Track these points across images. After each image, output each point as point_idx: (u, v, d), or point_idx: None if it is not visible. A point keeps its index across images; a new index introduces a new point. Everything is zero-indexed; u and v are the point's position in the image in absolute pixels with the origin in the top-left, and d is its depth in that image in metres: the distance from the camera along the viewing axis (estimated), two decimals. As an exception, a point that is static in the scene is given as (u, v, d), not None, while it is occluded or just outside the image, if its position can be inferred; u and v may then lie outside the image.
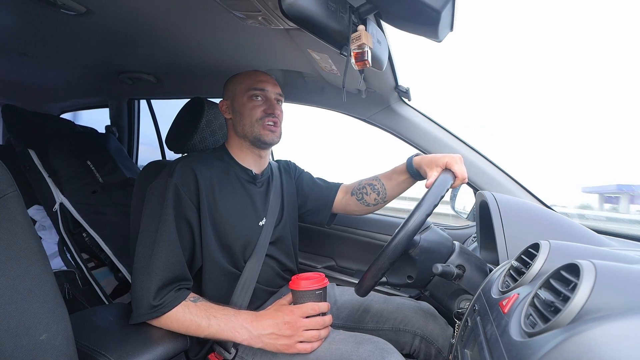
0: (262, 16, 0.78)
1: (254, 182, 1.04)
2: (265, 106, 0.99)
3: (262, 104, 1.00)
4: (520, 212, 0.85)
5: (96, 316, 0.85)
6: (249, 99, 0.99)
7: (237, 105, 1.00)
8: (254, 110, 0.99)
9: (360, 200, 1.15)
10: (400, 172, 1.09)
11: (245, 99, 0.99)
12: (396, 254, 0.76)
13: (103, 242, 1.49)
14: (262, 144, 1.01)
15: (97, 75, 1.64)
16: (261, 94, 1.00)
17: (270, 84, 1.01)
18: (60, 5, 0.87)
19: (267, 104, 1.00)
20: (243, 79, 1.01)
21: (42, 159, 1.52)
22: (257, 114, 0.98)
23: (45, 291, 0.54)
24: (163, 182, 0.87)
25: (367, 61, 0.68)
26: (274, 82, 1.03)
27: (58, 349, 0.54)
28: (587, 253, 0.56)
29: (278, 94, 1.03)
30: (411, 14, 0.66)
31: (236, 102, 1.01)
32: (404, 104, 1.36)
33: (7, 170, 0.54)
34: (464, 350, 0.58)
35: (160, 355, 0.75)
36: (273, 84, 1.02)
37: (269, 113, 0.99)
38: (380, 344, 0.81)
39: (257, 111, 0.98)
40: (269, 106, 1.00)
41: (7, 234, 0.51)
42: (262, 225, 1.02)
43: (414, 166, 1.02)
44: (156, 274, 0.79)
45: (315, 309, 0.80)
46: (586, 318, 0.36)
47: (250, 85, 0.99)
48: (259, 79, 1.01)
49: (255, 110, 0.99)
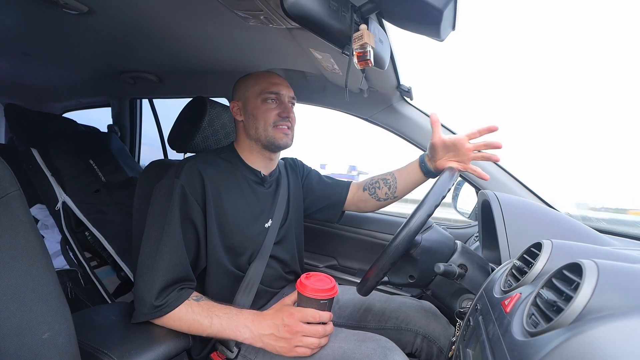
0: (264, 15, 0.78)
1: (262, 183, 1.03)
2: (280, 109, 0.98)
3: (276, 107, 0.98)
4: (523, 212, 0.84)
5: (99, 315, 0.85)
6: (263, 102, 0.97)
7: (250, 107, 0.99)
8: (268, 114, 0.97)
9: (373, 194, 1.16)
10: (412, 167, 1.10)
11: (259, 102, 0.98)
12: (397, 254, 0.76)
13: (105, 241, 1.50)
14: (275, 147, 1.00)
15: (99, 75, 1.64)
16: (275, 97, 0.98)
17: (284, 87, 1.00)
18: (62, 5, 0.88)
19: (281, 107, 0.99)
20: (257, 81, 1.00)
21: (44, 158, 1.52)
22: (271, 118, 0.97)
23: (47, 290, 0.54)
24: (170, 183, 0.86)
25: (370, 61, 0.68)
26: (287, 85, 1.02)
27: (61, 348, 0.54)
28: (589, 252, 0.56)
29: (291, 97, 1.02)
30: (413, 13, 0.66)
31: (249, 104, 0.99)
32: (406, 103, 1.36)
33: (9, 169, 0.54)
34: (466, 349, 0.58)
35: (163, 354, 0.76)
36: (287, 87, 1.01)
37: (283, 117, 0.98)
38: (382, 342, 0.81)
39: (271, 114, 0.97)
40: (283, 109, 0.98)
41: (9, 233, 0.51)
42: (267, 227, 1.02)
43: (426, 161, 1.05)
44: (160, 274, 0.79)
45: (316, 317, 0.78)
46: (589, 317, 0.36)
47: (264, 88, 0.98)
48: (274, 82, 0.99)
49: (269, 114, 0.97)
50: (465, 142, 0.96)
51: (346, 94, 0.81)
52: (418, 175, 1.09)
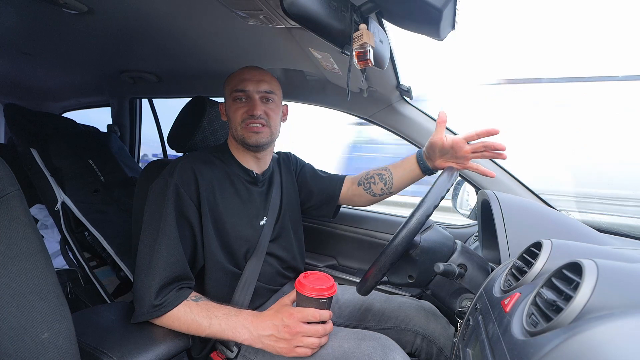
0: (263, 15, 0.78)
1: (255, 182, 1.03)
2: (247, 107, 0.95)
3: (244, 104, 0.96)
4: (522, 211, 0.85)
5: (98, 315, 0.85)
6: (233, 101, 0.97)
7: (227, 107, 1.00)
8: (236, 113, 0.96)
9: (367, 190, 1.14)
10: (409, 164, 1.09)
11: (231, 101, 0.97)
12: (397, 254, 0.76)
13: (105, 241, 1.50)
14: (248, 146, 0.98)
15: (99, 74, 1.64)
16: (243, 94, 0.96)
17: (252, 83, 0.95)
18: (62, 4, 0.87)
19: (248, 104, 0.96)
20: (229, 80, 0.99)
21: (44, 158, 1.52)
22: (239, 116, 0.95)
23: (47, 290, 0.54)
24: (164, 182, 0.87)
25: (369, 60, 0.68)
26: (258, 80, 0.96)
27: (60, 348, 0.54)
28: (589, 252, 0.56)
29: (265, 91, 0.96)
30: (413, 13, 0.66)
31: (226, 104, 1.00)
32: (405, 102, 1.36)
33: (9, 169, 0.54)
34: (466, 349, 0.58)
35: (162, 354, 0.76)
36: (256, 82, 0.96)
37: (250, 114, 0.94)
38: (382, 341, 0.81)
39: (238, 113, 0.96)
40: (251, 107, 0.95)
41: (9, 233, 0.51)
42: (262, 224, 1.02)
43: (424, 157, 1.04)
44: (158, 273, 0.79)
45: (316, 316, 0.77)
46: (588, 317, 0.36)
47: (233, 87, 0.96)
48: (242, 79, 0.96)
49: (237, 113, 0.96)
50: (463, 145, 0.95)
51: (348, 93, 0.81)
52: (416, 172, 1.08)
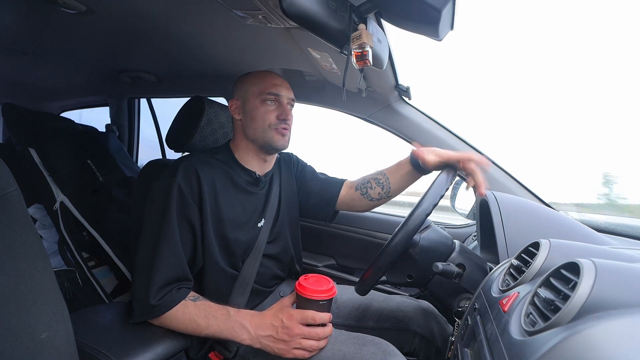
0: (262, 15, 0.78)
1: (256, 183, 1.03)
2: (279, 111, 0.96)
3: (275, 108, 0.97)
4: (521, 211, 0.85)
5: (96, 315, 0.85)
6: (262, 103, 0.96)
7: (249, 107, 0.98)
8: (267, 115, 0.96)
9: (365, 194, 1.13)
10: (405, 166, 1.07)
11: (259, 103, 0.96)
12: (396, 253, 0.76)
13: (103, 241, 1.49)
14: (272, 149, 0.99)
15: (98, 74, 1.64)
16: (275, 98, 0.96)
17: (284, 89, 0.98)
18: (60, 4, 0.87)
19: (280, 109, 0.97)
20: (257, 81, 0.98)
21: (42, 158, 1.52)
22: (270, 119, 0.95)
23: (45, 290, 0.54)
24: (166, 182, 0.86)
25: (368, 60, 0.68)
26: (287, 86, 1.00)
27: (58, 348, 0.54)
28: (587, 252, 0.56)
29: (291, 98, 1.00)
30: (411, 13, 0.66)
31: (248, 104, 0.98)
32: (404, 102, 1.36)
33: (7, 168, 0.54)
34: (464, 349, 0.58)
35: (161, 354, 0.75)
36: (287, 88, 1.00)
37: (282, 119, 0.96)
38: (382, 346, 0.81)
39: (270, 116, 0.96)
40: (282, 112, 0.97)
41: (7, 233, 0.51)
42: (260, 226, 1.02)
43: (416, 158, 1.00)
44: (157, 273, 0.79)
45: (316, 318, 0.77)
46: (586, 316, 0.36)
47: (264, 89, 0.96)
48: (274, 83, 0.97)
49: (268, 115, 0.96)
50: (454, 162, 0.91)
51: (343, 93, 0.81)
52: (411, 173, 1.06)
